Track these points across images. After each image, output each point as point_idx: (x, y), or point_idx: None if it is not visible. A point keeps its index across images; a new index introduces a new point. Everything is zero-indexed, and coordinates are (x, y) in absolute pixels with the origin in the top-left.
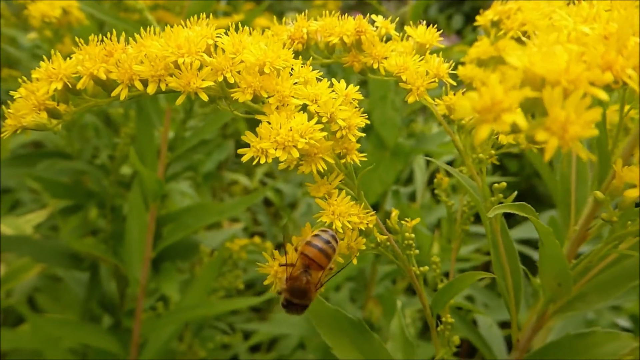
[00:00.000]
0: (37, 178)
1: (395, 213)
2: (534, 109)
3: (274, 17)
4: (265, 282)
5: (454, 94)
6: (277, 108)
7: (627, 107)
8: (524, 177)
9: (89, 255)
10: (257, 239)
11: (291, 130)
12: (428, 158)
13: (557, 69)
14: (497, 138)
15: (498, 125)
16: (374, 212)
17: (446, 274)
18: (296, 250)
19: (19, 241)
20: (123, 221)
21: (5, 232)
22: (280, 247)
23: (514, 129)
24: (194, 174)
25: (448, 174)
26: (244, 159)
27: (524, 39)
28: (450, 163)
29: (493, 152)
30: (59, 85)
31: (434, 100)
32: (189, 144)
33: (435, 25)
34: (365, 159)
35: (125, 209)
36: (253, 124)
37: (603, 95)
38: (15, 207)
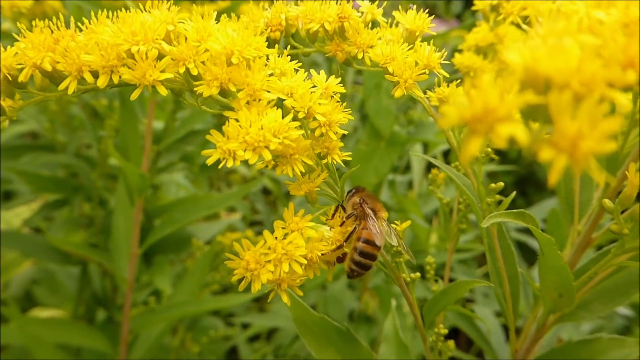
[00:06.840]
0: (20, 172)
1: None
2: (536, 115)
3: (263, 2)
4: (234, 279)
5: (448, 85)
6: (247, 103)
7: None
8: (523, 164)
9: (76, 252)
10: (249, 232)
11: (262, 129)
12: (423, 155)
13: (567, 67)
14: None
15: (492, 138)
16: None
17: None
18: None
19: (8, 236)
20: (111, 215)
21: None
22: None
23: (512, 143)
24: (189, 165)
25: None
26: (209, 161)
27: (524, 26)
28: (447, 153)
29: (489, 149)
30: None
31: (426, 92)
32: (177, 134)
33: (428, 10)
34: (349, 158)
35: (112, 203)
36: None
37: (624, 101)
38: (10, 198)
